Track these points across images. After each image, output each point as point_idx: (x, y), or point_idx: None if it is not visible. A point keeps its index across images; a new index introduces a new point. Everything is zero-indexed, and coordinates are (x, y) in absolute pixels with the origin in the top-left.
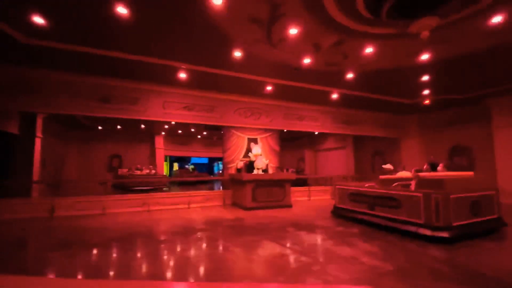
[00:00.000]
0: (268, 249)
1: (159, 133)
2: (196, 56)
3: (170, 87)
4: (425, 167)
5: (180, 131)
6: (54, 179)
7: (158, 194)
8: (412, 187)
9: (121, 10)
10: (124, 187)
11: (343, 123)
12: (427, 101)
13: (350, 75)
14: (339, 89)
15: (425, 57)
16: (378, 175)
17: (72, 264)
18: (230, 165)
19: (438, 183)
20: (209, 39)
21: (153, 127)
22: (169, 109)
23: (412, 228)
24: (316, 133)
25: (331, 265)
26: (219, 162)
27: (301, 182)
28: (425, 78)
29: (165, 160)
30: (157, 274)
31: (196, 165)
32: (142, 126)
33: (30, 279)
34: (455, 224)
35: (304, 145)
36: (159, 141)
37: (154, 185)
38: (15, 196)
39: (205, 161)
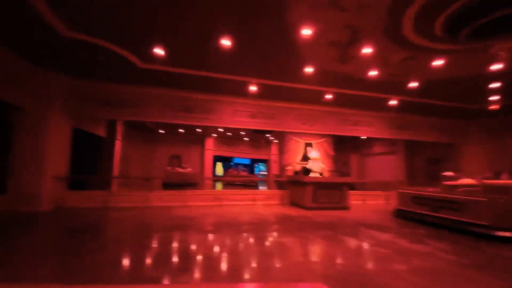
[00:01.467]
0: (347, 241)
1: (210, 136)
2: (269, 73)
3: (239, 98)
4: (488, 175)
5: (229, 133)
6: (124, 176)
7: (227, 191)
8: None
9: (226, 42)
10: (165, 183)
11: (398, 128)
12: (494, 107)
13: (414, 84)
14: (399, 96)
15: (498, 66)
16: (433, 182)
17: (204, 241)
18: (287, 168)
19: (504, 190)
20: (287, 60)
21: (206, 131)
22: (237, 117)
23: (477, 229)
24: (364, 137)
25: (413, 257)
26: (260, 163)
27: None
28: (496, 85)
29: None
30: (272, 253)
31: (238, 165)
32: (198, 130)
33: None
34: None
35: (349, 149)
36: (209, 143)
37: (189, 182)
38: (100, 189)
39: (247, 161)
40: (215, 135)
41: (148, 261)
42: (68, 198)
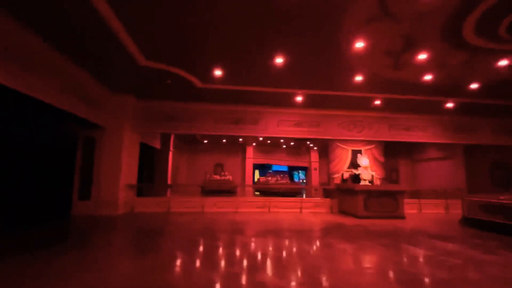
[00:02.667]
0: (410, 250)
1: (250, 144)
2: (316, 83)
3: (284, 108)
4: None
5: (269, 141)
6: (176, 184)
7: (274, 199)
8: None
9: (279, 60)
10: (204, 190)
11: (456, 131)
12: None
13: (474, 85)
14: (457, 98)
15: None
16: (500, 188)
17: (268, 245)
18: (334, 176)
19: None
20: (337, 72)
21: (247, 140)
22: (282, 127)
23: None
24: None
25: (488, 267)
26: (300, 171)
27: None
28: None
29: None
30: (339, 258)
31: (277, 172)
32: (240, 139)
33: None
34: None
35: (398, 154)
36: (249, 151)
37: (227, 189)
38: (157, 195)
39: (285, 169)
40: (255, 144)
41: (222, 260)
42: (137, 203)
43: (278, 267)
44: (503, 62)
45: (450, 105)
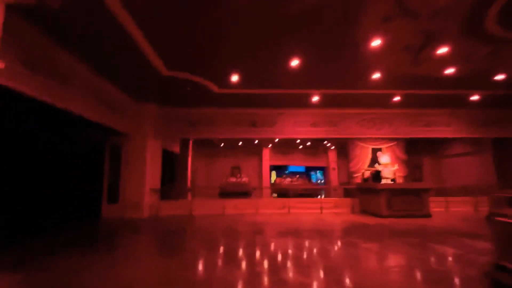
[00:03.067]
0: (437, 248)
1: (267, 146)
2: (332, 83)
3: (299, 109)
4: None
5: (285, 143)
6: (197, 187)
7: (295, 199)
8: None
9: (294, 62)
10: (221, 193)
11: (482, 125)
12: None
13: (500, 77)
14: (482, 91)
15: None
16: None
17: (295, 246)
18: (355, 175)
19: None
20: (354, 70)
21: (263, 141)
22: (298, 127)
23: None
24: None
25: None
26: (318, 171)
27: None
28: None
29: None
30: (366, 257)
31: (293, 173)
32: (256, 141)
33: None
34: None
35: (421, 151)
36: (266, 153)
37: (243, 191)
38: (177, 198)
39: (302, 169)
40: (271, 145)
41: (247, 259)
42: (161, 206)
43: (303, 266)
44: None
45: (475, 97)
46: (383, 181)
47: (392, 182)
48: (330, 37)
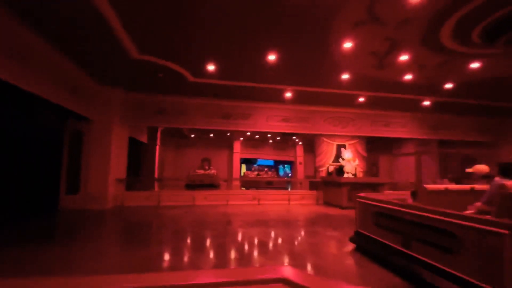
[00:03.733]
0: None
1: (238, 139)
2: (305, 80)
3: (273, 104)
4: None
5: (257, 136)
6: (165, 178)
7: (264, 191)
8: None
9: (271, 57)
10: (187, 185)
11: (432, 128)
12: None
13: (449, 85)
14: (433, 97)
15: None
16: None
17: (264, 234)
18: (320, 169)
19: None
20: (326, 70)
21: (235, 135)
22: (271, 122)
23: None
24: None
25: None
26: (285, 165)
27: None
28: None
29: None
30: (328, 243)
31: (262, 166)
32: (228, 134)
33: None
34: None
35: (378, 150)
36: (237, 146)
37: (211, 183)
38: (144, 189)
39: (271, 163)
40: (242, 139)
41: (217, 247)
42: (126, 197)
43: (271, 251)
44: (474, 65)
45: (426, 103)
46: (345, 176)
47: (353, 176)
48: (306, 37)
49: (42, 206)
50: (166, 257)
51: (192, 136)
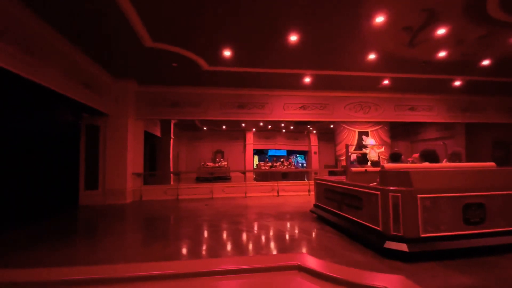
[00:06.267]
0: None
1: (250, 130)
2: (324, 63)
3: (289, 91)
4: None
5: (270, 126)
6: (180, 171)
7: (283, 182)
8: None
9: (293, 37)
10: (198, 177)
11: (461, 110)
12: None
13: (485, 62)
14: (465, 76)
15: None
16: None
17: (281, 225)
18: (341, 158)
19: (404, 177)
20: (351, 49)
21: (248, 125)
22: (288, 110)
23: (371, 237)
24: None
25: None
26: (298, 155)
27: None
28: None
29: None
30: None
31: (276, 157)
32: (243, 124)
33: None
34: (425, 235)
35: (398, 135)
36: (249, 137)
37: (222, 176)
38: (160, 183)
39: (284, 153)
40: (255, 130)
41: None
42: (145, 192)
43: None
44: None
45: (457, 83)
46: (369, 164)
47: (377, 164)
48: (333, 11)
49: (63, 202)
50: (197, 250)
51: (205, 128)
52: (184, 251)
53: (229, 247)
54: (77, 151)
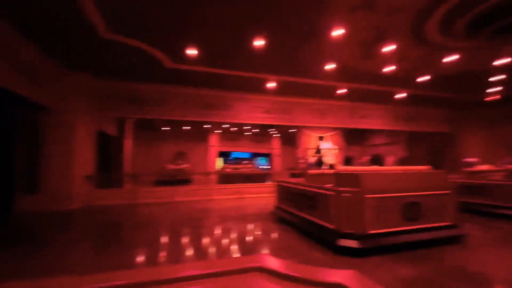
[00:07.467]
0: None
1: (215, 132)
2: (288, 70)
3: (255, 94)
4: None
5: (235, 129)
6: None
7: (246, 185)
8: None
9: (259, 42)
10: (157, 181)
11: (403, 119)
12: (495, 97)
13: (424, 78)
14: (408, 89)
15: (505, 60)
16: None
17: (243, 228)
18: (301, 160)
19: (353, 179)
20: (312, 58)
21: (212, 127)
22: (252, 113)
23: (326, 236)
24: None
25: None
26: (262, 157)
27: None
28: (501, 77)
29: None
30: None
31: (239, 159)
32: (206, 126)
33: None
34: (372, 231)
35: (352, 140)
36: (214, 139)
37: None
38: (112, 187)
39: (248, 155)
40: (219, 131)
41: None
42: (97, 196)
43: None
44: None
45: (402, 95)
46: (323, 166)
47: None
48: (297, 21)
49: None
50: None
51: (165, 128)
52: (142, 258)
53: (191, 252)
54: (13, 148)
